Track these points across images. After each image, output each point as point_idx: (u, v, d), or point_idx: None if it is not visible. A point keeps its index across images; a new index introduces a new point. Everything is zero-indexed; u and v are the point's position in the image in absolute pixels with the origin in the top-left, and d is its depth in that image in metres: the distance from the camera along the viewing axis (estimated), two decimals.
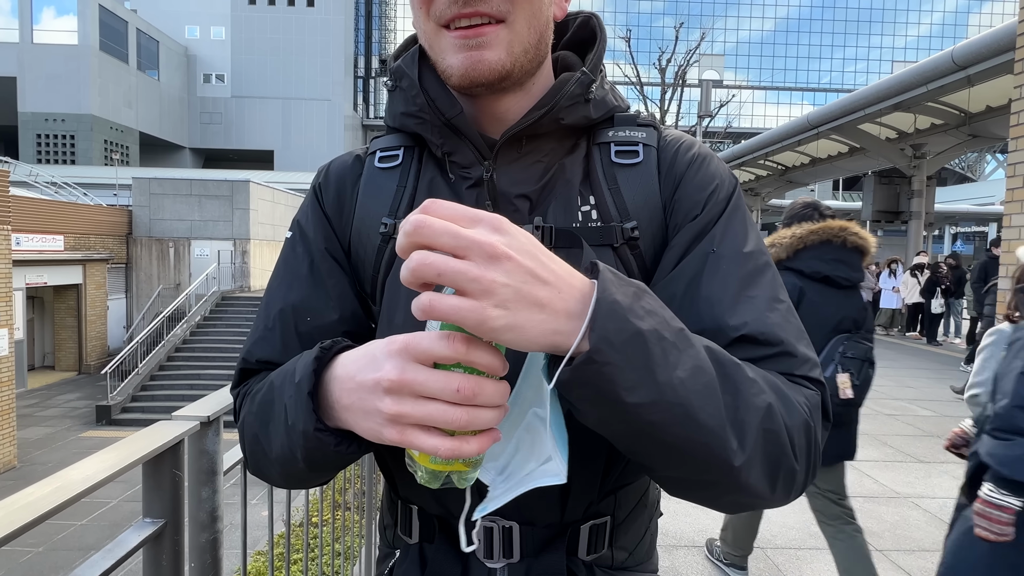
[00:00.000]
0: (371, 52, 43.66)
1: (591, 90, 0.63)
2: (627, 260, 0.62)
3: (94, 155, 29.25)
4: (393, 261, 0.65)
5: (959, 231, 33.41)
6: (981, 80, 8.56)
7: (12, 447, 9.95)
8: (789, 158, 16.90)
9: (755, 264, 0.58)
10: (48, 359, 16.34)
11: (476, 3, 0.55)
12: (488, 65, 0.57)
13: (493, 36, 0.57)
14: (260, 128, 37.76)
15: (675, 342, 0.43)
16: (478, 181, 0.63)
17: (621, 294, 0.42)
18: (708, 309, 0.55)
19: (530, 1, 0.58)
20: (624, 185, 0.63)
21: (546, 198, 0.63)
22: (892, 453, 4.67)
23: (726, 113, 20.87)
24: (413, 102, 0.64)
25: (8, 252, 9.85)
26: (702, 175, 0.63)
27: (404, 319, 0.61)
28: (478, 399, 0.41)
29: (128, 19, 31.75)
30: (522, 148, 0.63)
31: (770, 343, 0.53)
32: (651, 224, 0.62)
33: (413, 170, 0.68)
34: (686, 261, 0.59)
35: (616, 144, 0.65)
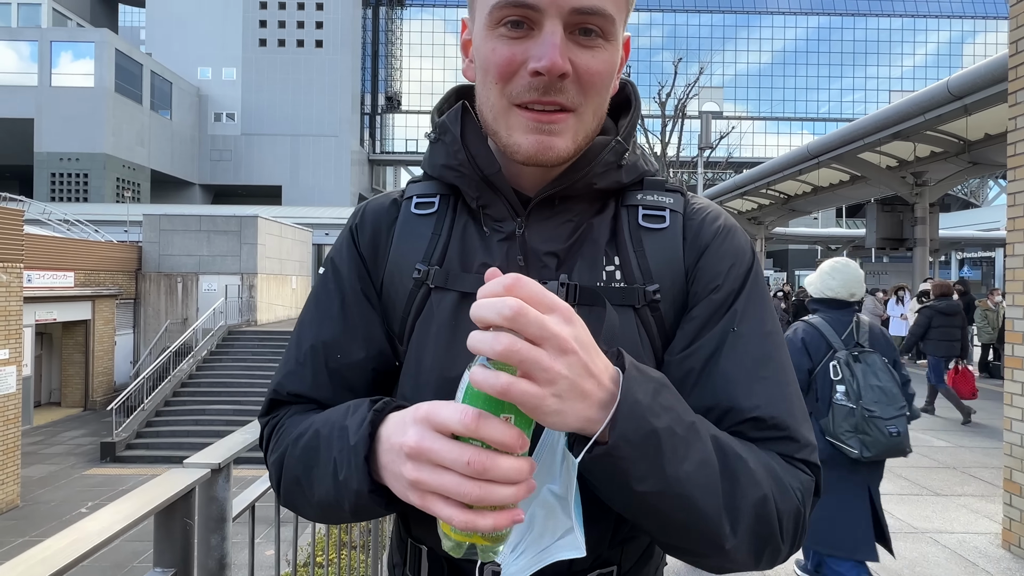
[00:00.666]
0: (377, 89, 44.76)
1: (624, 157, 0.67)
2: (647, 321, 0.64)
3: (106, 192, 29.83)
4: (424, 305, 0.67)
5: (966, 256, 33.29)
6: (978, 109, 8.66)
7: (16, 486, 9.88)
8: (791, 187, 17.02)
9: (772, 344, 0.62)
10: (55, 395, 16.33)
11: (555, 93, 0.58)
12: (556, 152, 0.60)
13: (564, 125, 0.60)
14: (269, 164, 38.51)
15: (685, 436, 0.49)
16: (510, 236, 0.66)
17: (642, 392, 0.47)
18: (724, 387, 0.59)
19: (599, 93, 0.61)
20: (649, 248, 0.66)
21: (573, 256, 0.66)
22: (908, 486, 4.57)
23: (727, 144, 21.13)
24: (454, 156, 0.67)
25: (20, 289, 9.98)
26: (725, 248, 0.66)
27: (432, 361, 0.64)
28: (489, 474, 0.42)
29: (143, 62, 32.80)
30: (554, 207, 0.66)
31: (777, 428, 0.58)
32: (672, 288, 0.65)
33: (448, 218, 0.70)
34: (707, 337, 0.62)
35: (644, 208, 0.68)
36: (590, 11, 0.56)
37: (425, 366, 0.64)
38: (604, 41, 0.59)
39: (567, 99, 0.59)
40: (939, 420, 6.87)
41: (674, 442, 0.47)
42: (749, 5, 45.70)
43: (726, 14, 45.74)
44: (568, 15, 0.56)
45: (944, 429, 6.44)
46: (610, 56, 0.60)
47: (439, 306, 0.66)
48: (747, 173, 17.04)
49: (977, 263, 33.70)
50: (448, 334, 0.64)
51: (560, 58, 0.55)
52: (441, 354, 0.64)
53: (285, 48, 38.62)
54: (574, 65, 0.57)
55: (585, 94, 0.59)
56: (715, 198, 19.25)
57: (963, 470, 4.99)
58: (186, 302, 17.19)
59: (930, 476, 4.82)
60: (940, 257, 27.41)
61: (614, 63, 0.61)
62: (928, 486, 4.58)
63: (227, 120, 38.65)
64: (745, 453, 0.53)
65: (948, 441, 5.93)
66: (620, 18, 0.60)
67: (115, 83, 30.33)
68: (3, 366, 9.57)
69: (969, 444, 5.81)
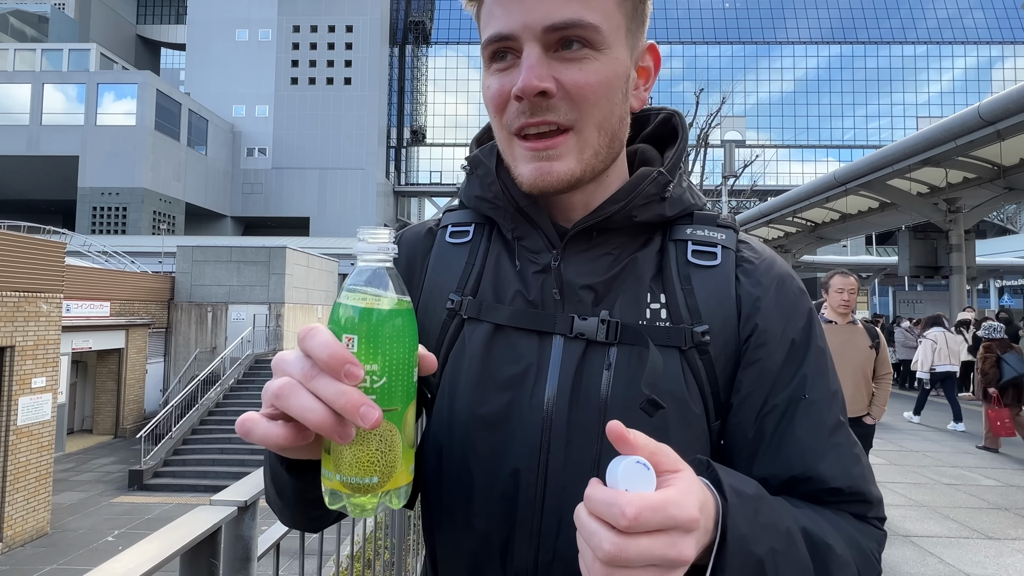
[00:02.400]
0: (403, 123, 45.96)
1: (668, 189, 0.64)
2: (695, 364, 0.61)
3: (143, 225, 30.98)
4: (457, 336, 0.66)
5: (1005, 284, 32.13)
6: (1012, 134, 8.48)
7: (47, 513, 10.03)
8: (818, 215, 16.78)
9: (838, 406, 0.62)
10: (87, 423, 16.68)
11: (543, 112, 0.57)
12: (557, 176, 0.59)
13: (563, 147, 0.58)
14: (298, 196, 39.60)
15: (784, 550, 0.48)
16: (545, 268, 0.64)
17: (744, 522, 0.46)
18: (800, 456, 0.59)
19: (597, 106, 0.58)
20: (699, 287, 0.63)
21: (614, 291, 0.63)
22: (956, 528, 4.32)
23: (751, 172, 21.03)
24: (488, 189, 0.67)
25: (59, 319, 10.32)
26: (784, 300, 0.64)
27: (463, 394, 0.62)
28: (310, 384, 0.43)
29: (182, 101, 34.38)
30: (592, 240, 0.64)
31: (854, 495, 0.59)
32: (724, 331, 0.62)
33: (483, 248, 0.69)
34: (777, 400, 0.61)
35: (694, 243, 0.65)
36: (565, 25, 0.55)
37: (457, 399, 0.63)
38: (592, 51, 0.57)
39: (559, 116, 0.57)
40: (985, 457, 6.52)
41: (776, 560, 0.47)
42: (769, 36, 46.01)
43: (746, 45, 46.10)
44: (543, 35, 0.55)
45: (992, 466, 6.10)
46: (604, 67, 0.57)
47: (471, 338, 0.64)
48: (772, 201, 16.88)
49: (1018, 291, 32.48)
50: (479, 367, 0.63)
51: (535, 78, 0.55)
52: (471, 387, 0.62)
53: (315, 86, 40.10)
54: (560, 82, 0.56)
55: (579, 109, 0.57)
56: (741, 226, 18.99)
57: (1016, 511, 4.71)
58: (215, 331, 17.55)
59: (979, 518, 4.55)
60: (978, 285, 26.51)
61: (613, 73, 0.58)
62: (979, 528, 4.32)
63: (259, 155, 40.04)
64: (831, 537, 0.54)
65: (997, 479, 5.62)
66: (611, 26, 0.57)
67: (155, 121, 31.80)
68: (40, 394, 9.84)
69: (1020, 483, 5.49)
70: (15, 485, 9.32)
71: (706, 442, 0.61)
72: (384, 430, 0.44)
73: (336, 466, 0.44)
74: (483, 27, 0.60)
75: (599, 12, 0.56)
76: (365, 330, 0.43)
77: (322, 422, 0.41)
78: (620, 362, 0.60)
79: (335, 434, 0.41)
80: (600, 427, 0.59)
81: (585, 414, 0.60)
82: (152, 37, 50.29)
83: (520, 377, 0.62)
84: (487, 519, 0.61)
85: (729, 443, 0.63)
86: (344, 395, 0.41)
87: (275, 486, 0.58)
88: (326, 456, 0.45)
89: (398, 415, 0.45)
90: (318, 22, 40.20)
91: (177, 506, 11.13)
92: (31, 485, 9.65)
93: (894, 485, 5.41)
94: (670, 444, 0.57)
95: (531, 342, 0.63)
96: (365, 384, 0.43)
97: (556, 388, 0.60)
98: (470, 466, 0.62)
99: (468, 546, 0.62)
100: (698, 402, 0.61)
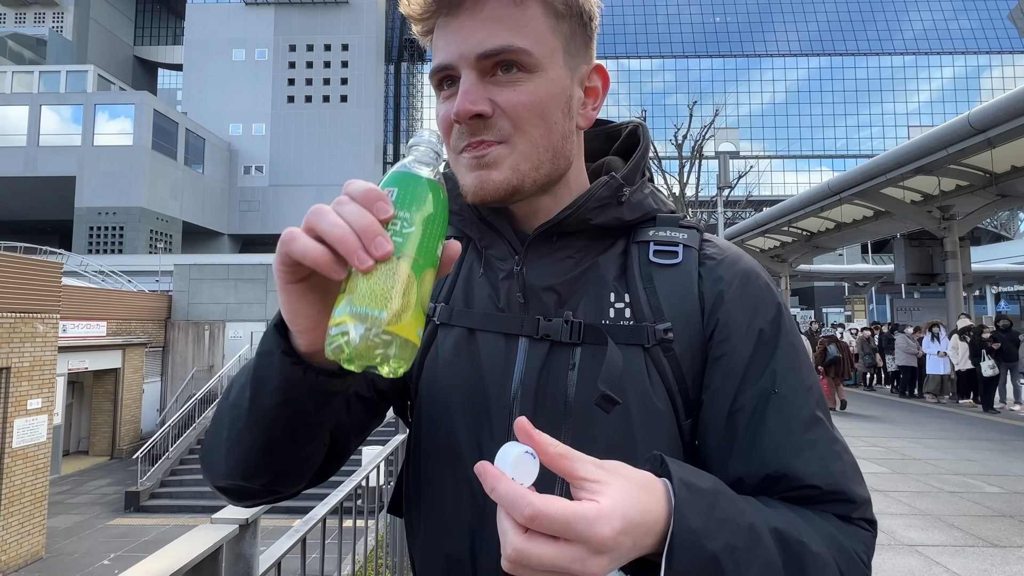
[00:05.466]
0: (399, 140, 46.23)
1: (623, 192, 0.66)
2: (659, 362, 0.61)
3: (140, 244, 30.93)
4: (431, 343, 0.68)
5: (1001, 291, 32.25)
6: (1002, 142, 8.58)
7: (42, 536, 9.88)
8: (814, 224, 16.88)
9: (814, 400, 0.60)
10: (83, 444, 16.52)
11: (481, 132, 0.60)
12: (494, 184, 0.61)
13: (496, 155, 0.60)
14: (295, 213, 39.64)
15: (746, 546, 0.46)
16: (510, 274, 0.67)
17: (695, 516, 0.45)
18: (774, 454, 0.57)
19: (532, 123, 0.60)
20: (660, 285, 0.64)
21: (577, 293, 0.65)
22: (961, 536, 4.29)
23: (745, 182, 21.18)
24: (456, 202, 0.68)
25: (55, 340, 10.26)
26: (748, 295, 0.63)
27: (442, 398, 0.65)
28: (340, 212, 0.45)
29: (179, 121, 34.55)
30: (553, 244, 0.66)
31: (834, 493, 0.56)
32: (687, 328, 0.62)
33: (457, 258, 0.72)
34: (747, 397, 0.59)
35: (656, 243, 0.66)
36: (495, 52, 0.58)
37: (432, 403, 0.66)
38: (527, 74, 0.60)
39: (495, 135, 0.60)
40: (988, 464, 6.50)
41: (735, 557, 0.45)
42: (760, 48, 46.55)
43: (737, 58, 46.65)
44: (477, 62, 0.59)
45: (995, 473, 6.08)
46: (539, 87, 0.60)
47: (443, 344, 0.67)
48: (768, 211, 16.98)
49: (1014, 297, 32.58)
50: (450, 372, 0.65)
51: (468, 102, 0.58)
52: (443, 392, 0.65)
53: (312, 104, 40.38)
54: (496, 103, 0.59)
55: (515, 126, 0.60)
56: (736, 236, 19.15)
57: (1021, 519, 4.68)
58: (213, 349, 17.47)
59: (984, 525, 4.52)
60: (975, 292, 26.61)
61: (548, 92, 0.61)
62: (984, 536, 4.29)
63: (256, 172, 40.16)
64: (806, 535, 0.51)
65: (1001, 487, 5.59)
66: (544, 49, 0.60)
67: (152, 141, 31.91)
68: (35, 415, 9.75)
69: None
70: (10, 508, 9.20)
71: (675, 441, 0.61)
72: (403, 272, 0.45)
73: (350, 298, 0.44)
74: (432, 59, 0.64)
75: (529, 38, 0.59)
76: (407, 186, 0.47)
77: (343, 238, 0.43)
78: (584, 362, 0.61)
79: (355, 256, 0.43)
80: (565, 427, 0.60)
81: (550, 414, 0.61)
82: (149, 58, 50.67)
83: (487, 379, 0.64)
84: (457, 524, 0.62)
85: (702, 442, 0.62)
86: (365, 218, 0.43)
87: (254, 391, 0.53)
88: (342, 294, 0.45)
89: (419, 267, 0.46)
90: (314, 41, 40.60)
91: (174, 528, 10.98)
92: (26, 508, 9.52)
93: (897, 494, 5.37)
94: (635, 443, 0.58)
95: (498, 345, 0.65)
96: (395, 227, 0.45)
97: (521, 388, 0.62)
98: (443, 471, 0.64)
99: (440, 552, 0.64)
100: (664, 400, 0.61)
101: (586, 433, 0.59)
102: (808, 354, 0.64)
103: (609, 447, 0.59)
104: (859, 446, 7.30)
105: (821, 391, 0.62)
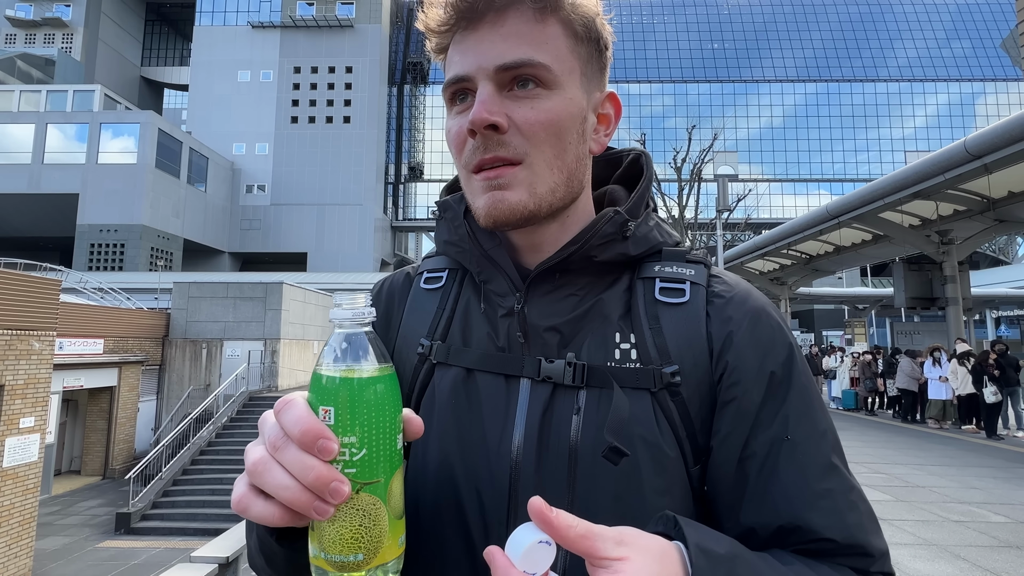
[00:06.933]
0: (401, 160, 46.67)
1: (628, 227, 0.63)
2: (667, 407, 0.58)
3: (140, 261, 31.00)
4: (428, 382, 0.65)
5: (1001, 315, 32.22)
6: (999, 168, 8.65)
7: (29, 559, 9.67)
8: (812, 247, 16.93)
9: (829, 446, 0.58)
10: (75, 463, 16.29)
11: (495, 148, 0.58)
12: (509, 206, 0.59)
13: (512, 177, 0.59)
14: (296, 232, 39.84)
15: None
16: (510, 311, 0.64)
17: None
18: (787, 504, 0.54)
19: (548, 142, 0.59)
20: (667, 325, 0.61)
21: (581, 333, 0.62)
22: (968, 568, 4.19)
23: (744, 205, 21.30)
24: (455, 232, 0.67)
25: (51, 357, 10.18)
26: (760, 333, 0.60)
27: (434, 443, 0.61)
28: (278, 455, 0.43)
29: (183, 140, 34.91)
30: (556, 281, 0.63)
31: (851, 546, 0.54)
32: (695, 370, 0.59)
33: (454, 293, 0.69)
34: (758, 443, 0.57)
35: (661, 280, 0.63)
36: (516, 65, 0.57)
37: (428, 449, 0.62)
38: (544, 90, 0.59)
39: (509, 152, 0.58)
40: (993, 492, 6.40)
41: None
42: (757, 74, 47.27)
43: (735, 83, 47.37)
44: (495, 74, 0.58)
45: (1000, 502, 5.97)
46: (556, 105, 0.59)
47: (440, 384, 0.64)
48: (767, 234, 17.05)
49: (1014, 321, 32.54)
50: (448, 414, 0.62)
51: (484, 111, 0.57)
52: (440, 436, 0.61)
53: (315, 124, 40.85)
54: (512, 118, 0.58)
55: (530, 143, 0.58)
56: (736, 259, 19.19)
57: None
58: (209, 368, 17.35)
59: (991, 556, 4.42)
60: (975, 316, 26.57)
61: (565, 111, 0.60)
62: (991, 568, 4.19)
63: (258, 191, 40.45)
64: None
65: (1007, 516, 5.49)
66: (563, 67, 0.59)
67: (156, 159, 32.21)
68: (28, 434, 9.62)
69: None
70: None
71: (685, 487, 0.59)
72: (366, 504, 0.42)
73: (320, 543, 0.42)
74: (446, 73, 0.63)
75: (550, 54, 0.59)
76: (342, 401, 0.42)
77: (296, 499, 0.40)
78: (589, 406, 0.58)
79: (311, 511, 0.40)
80: (571, 475, 0.57)
81: (554, 462, 0.57)
82: (156, 79, 51.44)
83: (487, 424, 0.61)
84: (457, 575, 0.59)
85: (712, 489, 0.59)
86: (312, 470, 0.40)
87: (263, 555, 0.55)
88: (311, 532, 0.43)
89: (382, 487, 0.43)
90: (319, 63, 41.23)
91: (165, 551, 10.77)
92: (14, 530, 9.34)
93: (902, 523, 5.28)
94: (644, 491, 0.56)
95: (499, 387, 0.62)
96: (344, 457, 0.42)
97: (523, 435, 0.59)
98: (442, 518, 0.60)
99: None
100: (672, 446, 0.58)
101: (593, 482, 0.56)
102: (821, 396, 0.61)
103: (617, 496, 0.56)
104: (862, 472, 7.19)
105: (836, 435, 0.59)
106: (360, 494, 0.42)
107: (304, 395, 0.44)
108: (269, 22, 41.24)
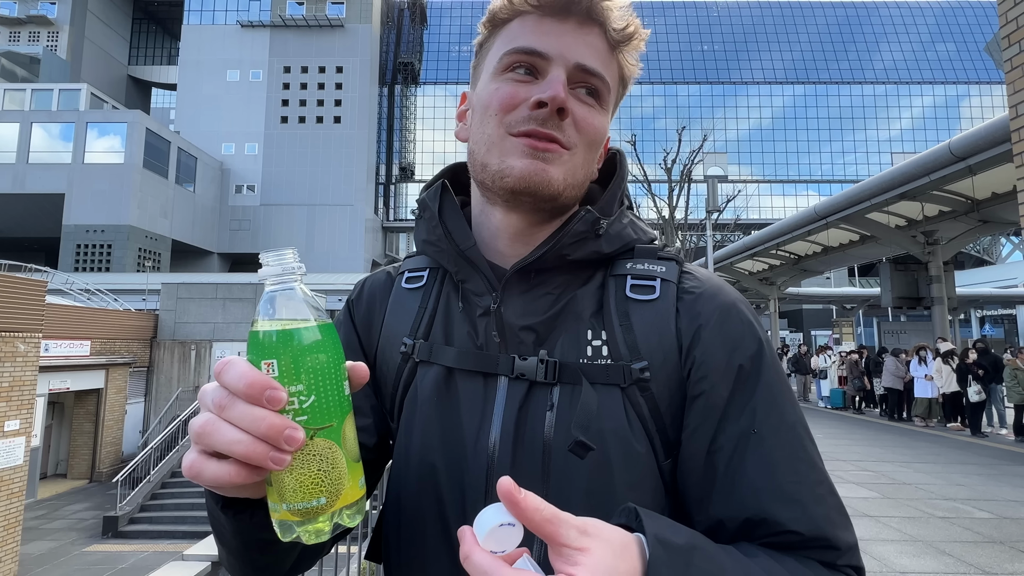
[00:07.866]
0: (392, 160, 46.52)
1: (600, 225, 0.64)
2: (636, 402, 0.59)
3: (128, 262, 30.63)
4: (411, 381, 0.66)
5: (986, 315, 32.69)
6: (983, 169, 8.77)
7: (14, 564, 9.54)
8: (801, 247, 17.08)
9: (797, 439, 0.58)
10: (61, 467, 16.08)
11: (552, 128, 0.60)
12: (549, 177, 0.60)
13: (558, 157, 0.61)
14: (286, 232, 39.57)
15: None
16: (487, 311, 0.64)
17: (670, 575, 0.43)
18: (753, 497, 0.55)
19: (589, 149, 0.64)
20: (637, 322, 0.62)
21: (555, 331, 0.63)
22: (953, 564, 4.26)
23: (733, 206, 21.44)
24: (433, 232, 0.67)
25: (36, 359, 10.05)
26: (729, 328, 0.61)
27: (417, 440, 0.63)
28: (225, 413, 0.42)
29: (171, 139, 34.56)
30: (531, 280, 0.64)
31: (817, 539, 0.54)
32: (665, 365, 0.60)
33: (435, 292, 0.70)
34: (725, 437, 0.57)
35: (632, 277, 0.64)
36: (591, 71, 0.62)
37: (411, 445, 0.63)
38: (599, 106, 0.64)
39: (564, 136, 0.61)
40: (978, 488, 6.50)
41: None
42: (746, 75, 47.62)
43: (724, 84, 47.70)
44: (572, 68, 0.61)
45: (984, 498, 6.07)
46: (602, 122, 0.64)
47: (423, 382, 0.65)
48: (756, 235, 17.18)
49: (998, 321, 33.02)
50: (430, 411, 0.63)
51: (564, 93, 0.59)
52: (422, 433, 0.63)
53: (305, 124, 40.60)
54: (573, 112, 0.61)
55: (580, 141, 0.62)
56: (726, 259, 19.31)
57: (1011, 544, 4.66)
58: (199, 369, 17.20)
59: (976, 552, 4.49)
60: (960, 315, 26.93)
61: (604, 130, 0.65)
62: (975, 563, 4.26)
63: (247, 191, 40.13)
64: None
65: (991, 512, 5.58)
66: (611, 97, 0.65)
67: (143, 159, 31.85)
68: (12, 437, 9.49)
69: (1014, 515, 5.46)
70: None
71: (656, 482, 0.60)
72: (322, 448, 0.43)
73: (280, 495, 0.43)
74: (501, 45, 0.64)
75: (609, 77, 0.64)
76: (284, 352, 0.43)
77: (251, 451, 0.40)
78: (562, 402, 0.59)
79: (269, 461, 0.40)
80: (544, 470, 0.58)
81: (529, 457, 0.59)
82: (143, 77, 50.88)
83: (466, 421, 0.62)
84: (438, 570, 0.60)
85: (682, 483, 0.60)
86: (263, 420, 0.40)
87: (217, 533, 0.55)
88: (269, 489, 0.44)
89: (335, 431, 0.44)
90: (309, 63, 40.99)
91: (153, 554, 10.66)
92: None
93: (888, 520, 5.34)
94: (615, 486, 0.57)
95: (477, 385, 0.63)
96: (293, 406, 0.42)
97: (500, 431, 0.60)
98: (423, 514, 0.61)
99: None
100: (643, 441, 0.59)
101: (565, 476, 0.57)
102: (792, 390, 0.62)
103: (589, 490, 0.57)
104: (849, 470, 7.27)
105: (806, 429, 0.59)
106: (315, 439, 0.42)
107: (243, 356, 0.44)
108: (259, 21, 40.93)
